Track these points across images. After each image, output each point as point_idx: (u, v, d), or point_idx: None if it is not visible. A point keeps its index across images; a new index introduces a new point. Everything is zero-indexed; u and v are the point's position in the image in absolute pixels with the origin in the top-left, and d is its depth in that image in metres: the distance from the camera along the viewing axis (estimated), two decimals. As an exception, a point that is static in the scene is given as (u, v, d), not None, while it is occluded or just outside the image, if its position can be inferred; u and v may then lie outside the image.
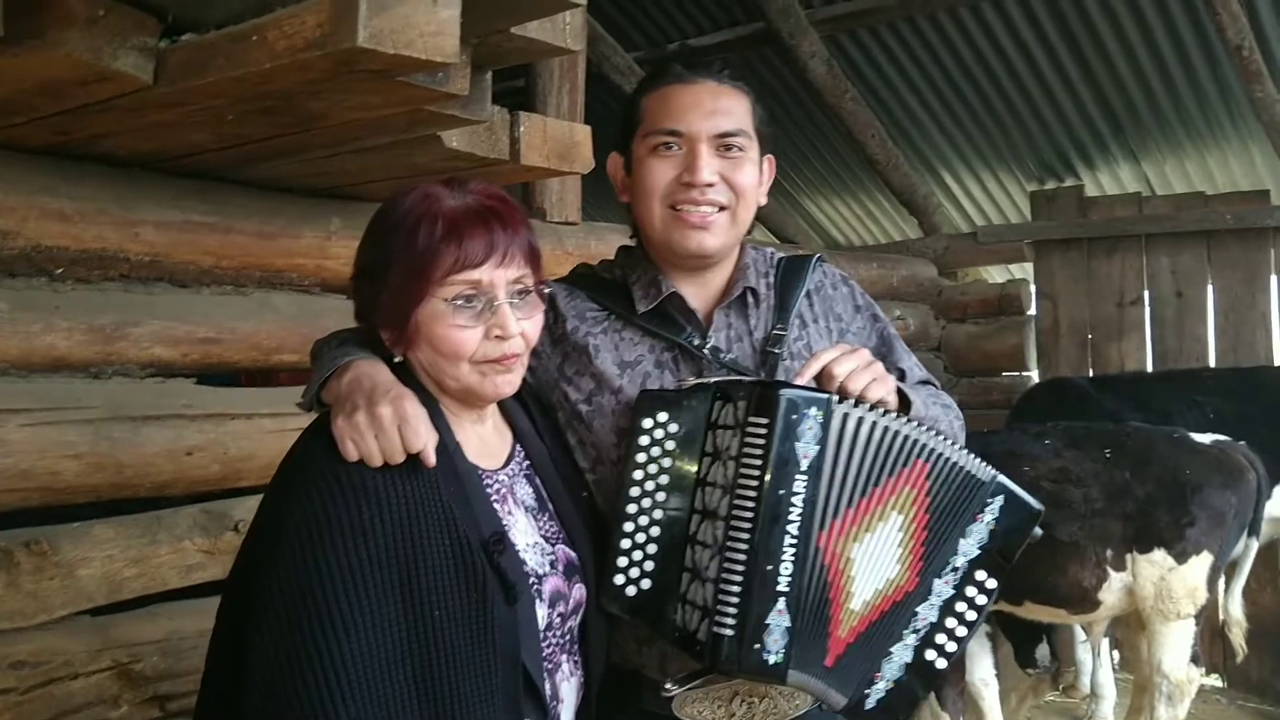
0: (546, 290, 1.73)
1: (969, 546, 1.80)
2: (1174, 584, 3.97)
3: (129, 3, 1.98)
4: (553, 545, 1.72)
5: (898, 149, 6.49)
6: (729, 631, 1.66)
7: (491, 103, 2.52)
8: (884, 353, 2.08)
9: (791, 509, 1.67)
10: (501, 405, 1.81)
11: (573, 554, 1.74)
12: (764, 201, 2.03)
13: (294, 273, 3.23)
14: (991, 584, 1.81)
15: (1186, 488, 3.98)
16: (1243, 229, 5.91)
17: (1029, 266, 6.71)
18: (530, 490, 1.76)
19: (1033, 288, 6.62)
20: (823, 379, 1.80)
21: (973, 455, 1.84)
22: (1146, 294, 6.23)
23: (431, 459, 1.55)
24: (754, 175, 1.95)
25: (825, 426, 1.69)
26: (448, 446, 1.62)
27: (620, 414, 1.88)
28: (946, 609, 1.80)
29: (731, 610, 1.66)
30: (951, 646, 1.80)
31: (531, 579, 1.63)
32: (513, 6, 2.06)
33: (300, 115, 2.27)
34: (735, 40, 6.29)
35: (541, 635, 1.63)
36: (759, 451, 1.67)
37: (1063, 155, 6.45)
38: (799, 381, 1.79)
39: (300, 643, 1.43)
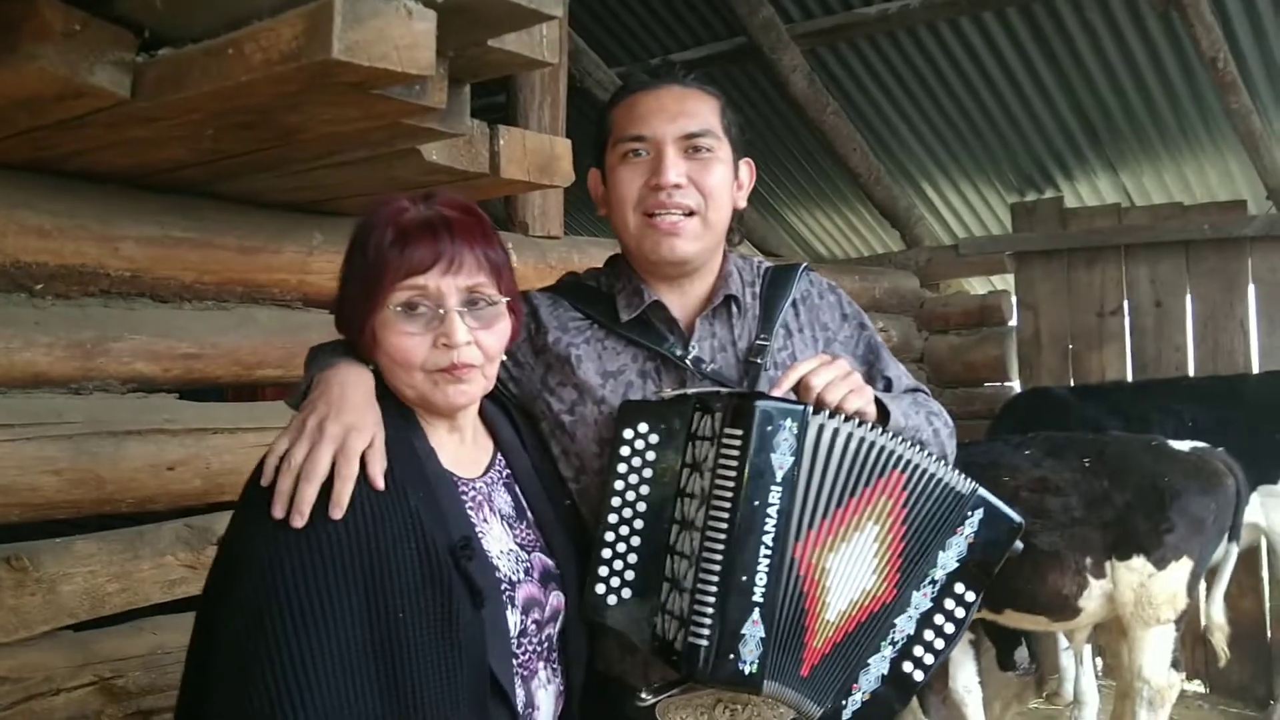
0: (520, 302, 1.75)
1: (947, 559, 1.80)
2: (1154, 590, 4.00)
3: (105, 17, 1.99)
4: (528, 553, 1.72)
5: (879, 162, 6.54)
6: (704, 642, 1.67)
7: (472, 117, 2.53)
8: (871, 360, 2.09)
9: (766, 520, 1.68)
10: (484, 415, 1.82)
11: (550, 562, 1.75)
12: (742, 205, 2.03)
13: (276, 288, 3.23)
14: (970, 597, 1.81)
15: (1165, 494, 4.02)
16: (1220, 239, 5.98)
17: (1010, 278, 6.76)
18: (509, 499, 1.77)
19: (1014, 299, 6.68)
20: (800, 390, 1.81)
21: (953, 468, 1.84)
22: (1126, 304, 6.30)
23: (377, 483, 1.54)
24: (724, 176, 1.94)
25: (800, 438, 1.70)
26: (418, 452, 1.63)
27: (603, 424, 1.88)
28: (924, 621, 1.80)
29: (706, 620, 1.67)
30: (929, 659, 1.80)
31: (504, 585, 1.63)
32: (488, 19, 2.07)
33: (278, 129, 2.28)
34: (717, 55, 6.33)
35: (515, 641, 1.63)
36: (734, 463, 1.68)
37: (1042, 167, 6.50)
38: (776, 392, 1.80)
39: (260, 649, 1.43)
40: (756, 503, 1.68)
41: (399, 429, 1.63)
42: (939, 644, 1.81)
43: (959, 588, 1.81)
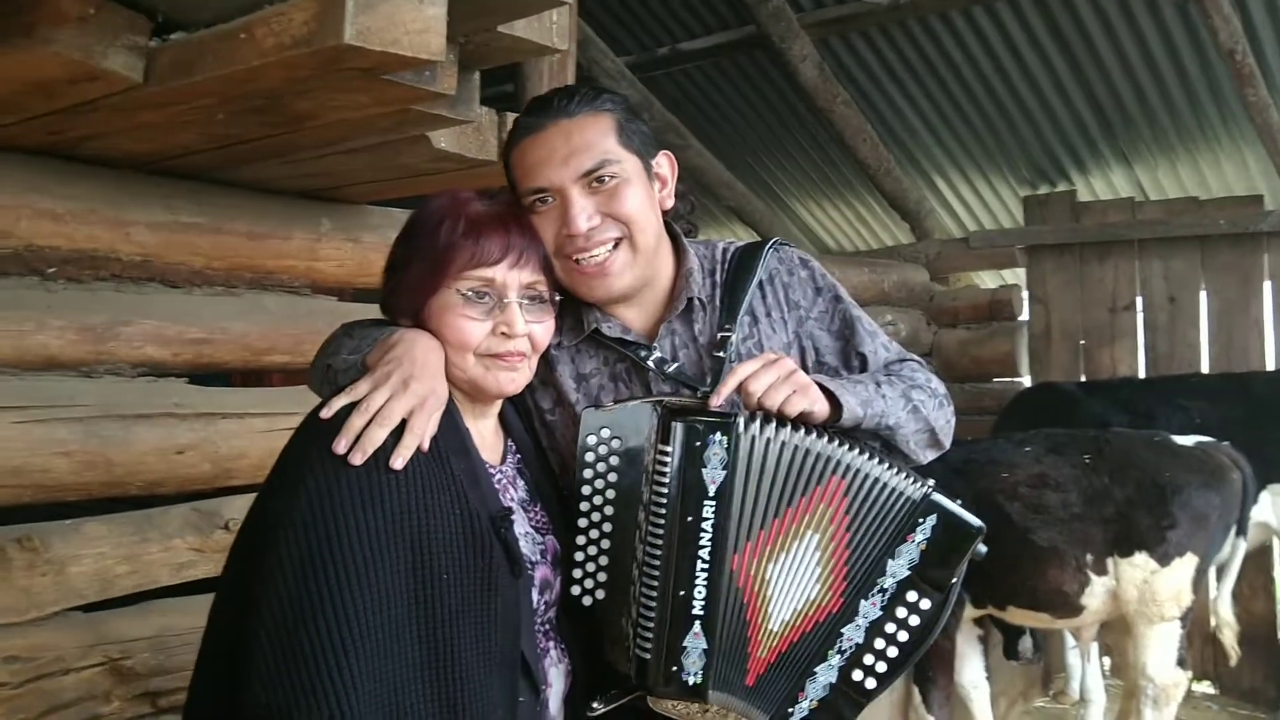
0: (559, 299, 1.79)
1: (898, 567, 1.77)
2: (1158, 587, 3.99)
3: (119, 1, 2.00)
4: (543, 536, 1.78)
5: (889, 153, 6.52)
6: (648, 655, 1.70)
7: (480, 105, 2.54)
8: (847, 336, 2.03)
9: (701, 535, 1.69)
10: None
11: (558, 545, 1.80)
12: (670, 203, 1.96)
13: (284, 274, 3.25)
14: (926, 604, 1.77)
15: (1166, 490, 4.00)
16: (1236, 234, 5.95)
17: (1021, 272, 6.74)
18: (523, 484, 1.82)
19: (1025, 293, 6.64)
20: (741, 395, 1.77)
21: (902, 472, 1.79)
22: (1139, 299, 6.26)
23: (424, 445, 1.58)
24: (638, 196, 1.85)
25: (732, 450, 1.70)
26: (460, 429, 1.68)
27: (577, 426, 1.86)
28: (874, 630, 1.77)
29: (649, 633, 1.70)
30: (882, 667, 1.78)
31: (527, 564, 1.69)
32: (499, 5, 2.09)
33: (289, 115, 2.29)
34: (726, 44, 6.32)
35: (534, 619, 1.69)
36: (665, 478, 1.69)
37: (1055, 160, 6.48)
38: (716, 400, 1.77)
39: (314, 592, 1.45)
40: (690, 518, 1.69)
41: (446, 407, 1.68)
42: (893, 652, 1.78)
43: (912, 595, 1.77)
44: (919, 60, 6.06)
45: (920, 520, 1.77)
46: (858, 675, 1.78)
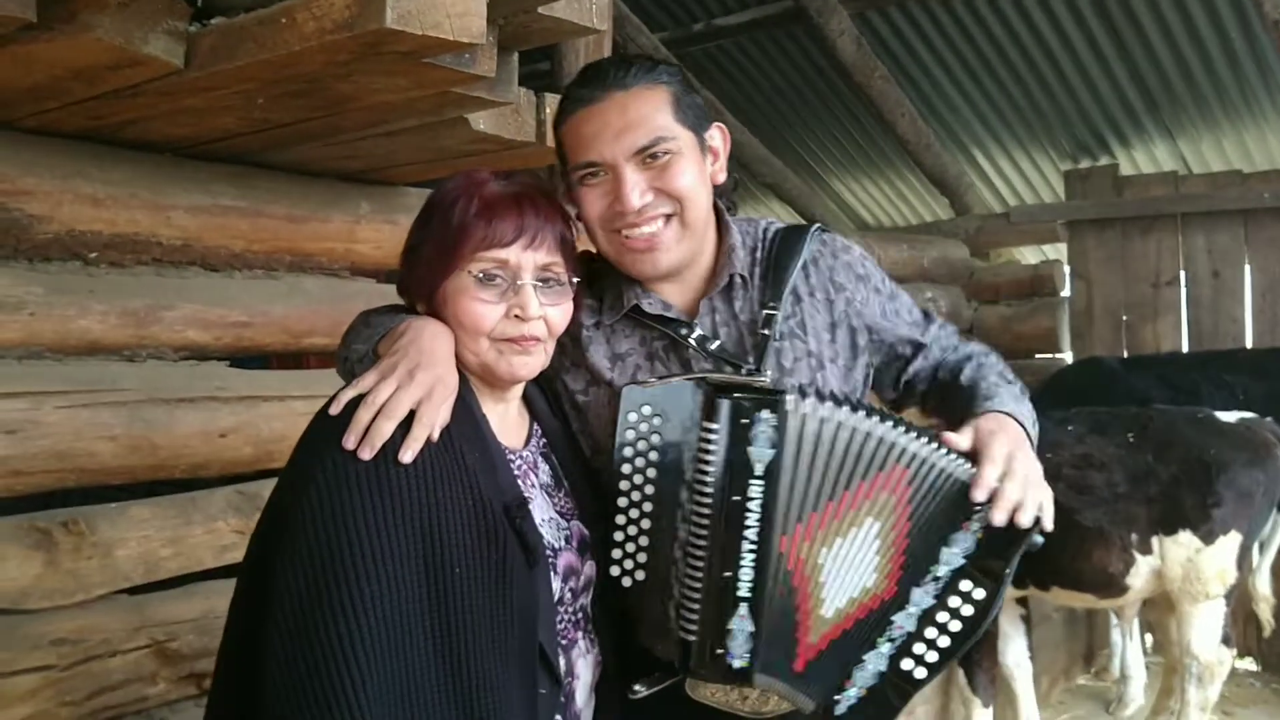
0: (577, 282, 1.75)
1: (952, 555, 1.73)
2: (1202, 565, 3.95)
3: (159, -13, 2.00)
4: (568, 521, 1.75)
5: (929, 128, 6.43)
6: (693, 637, 1.67)
7: (518, 85, 2.52)
8: (894, 319, 2.03)
9: (748, 515, 1.66)
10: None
11: (586, 531, 1.77)
12: (722, 178, 1.93)
13: (323, 256, 3.25)
14: (979, 594, 1.73)
15: (1211, 468, 3.96)
16: (1281, 207, 5.84)
17: (1063, 247, 6.65)
18: (547, 468, 1.79)
19: (1066, 268, 6.57)
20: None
21: (961, 459, 1.74)
22: (1183, 274, 6.18)
23: (434, 435, 1.55)
24: (691, 172, 1.83)
25: (781, 429, 1.66)
26: (474, 415, 1.65)
27: (615, 405, 1.84)
28: (926, 619, 1.73)
29: (694, 615, 1.67)
30: (933, 656, 1.74)
31: (548, 551, 1.65)
32: (539, -13, 2.06)
33: (329, 98, 2.28)
34: (763, 19, 6.23)
35: (555, 609, 1.65)
36: (711, 457, 1.66)
37: (1097, 134, 6.37)
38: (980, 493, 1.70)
39: (324, 589, 1.43)
40: (736, 498, 1.66)
41: (459, 393, 1.65)
42: (944, 642, 1.74)
43: (965, 584, 1.73)
44: (958, 33, 5.97)
45: (978, 508, 1.72)
46: (907, 664, 1.74)
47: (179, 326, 2.88)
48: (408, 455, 1.50)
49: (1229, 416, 4.24)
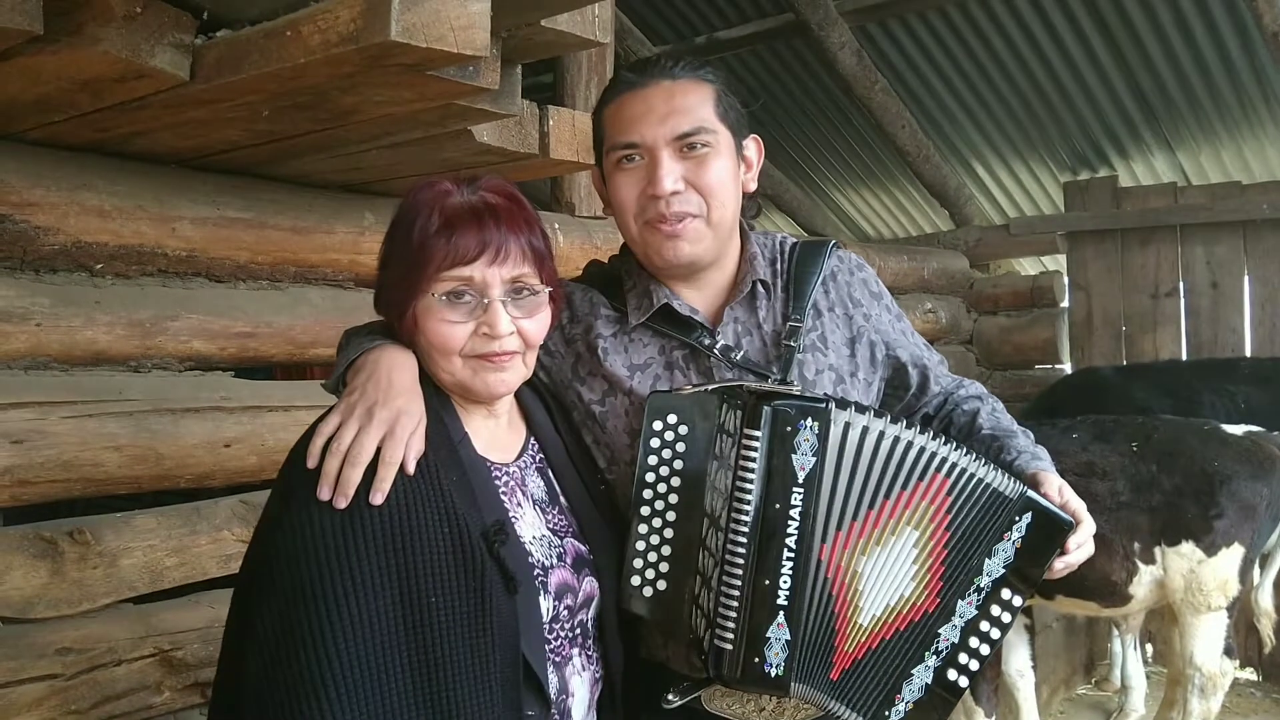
0: (561, 290, 1.74)
1: (994, 566, 1.75)
2: (1204, 576, 3.95)
3: (166, 0, 2.01)
4: (561, 538, 1.72)
5: (928, 140, 6.47)
6: (728, 645, 1.66)
7: (521, 97, 2.54)
8: (906, 340, 2.08)
9: (789, 523, 1.66)
10: (519, 399, 1.82)
11: (582, 548, 1.74)
12: (753, 187, 1.96)
13: (328, 268, 3.27)
14: (1017, 601, 1.77)
15: (1215, 479, 3.96)
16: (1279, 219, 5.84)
17: (1062, 258, 6.68)
18: (542, 483, 1.77)
19: (1066, 279, 6.59)
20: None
21: (998, 470, 1.78)
22: (1182, 285, 6.19)
23: (409, 467, 1.55)
24: (724, 170, 1.86)
25: (823, 437, 1.67)
26: (453, 437, 1.63)
27: (633, 415, 1.86)
28: (970, 629, 1.76)
29: (730, 623, 1.66)
30: (975, 665, 1.77)
31: (536, 570, 1.63)
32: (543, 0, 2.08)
33: (333, 110, 2.30)
34: (763, 32, 6.27)
35: (547, 627, 1.63)
36: (752, 464, 1.66)
37: (1096, 145, 6.40)
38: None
39: (294, 628, 1.43)
40: (778, 505, 1.66)
41: (434, 412, 1.64)
42: (984, 649, 1.76)
43: (1005, 593, 1.76)
44: (958, 46, 6.00)
45: (1016, 518, 1.75)
46: (952, 675, 1.76)
47: (184, 337, 2.89)
48: (378, 498, 1.50)
49: (1234, 429, 4.24)
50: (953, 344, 6.50)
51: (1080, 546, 1.81)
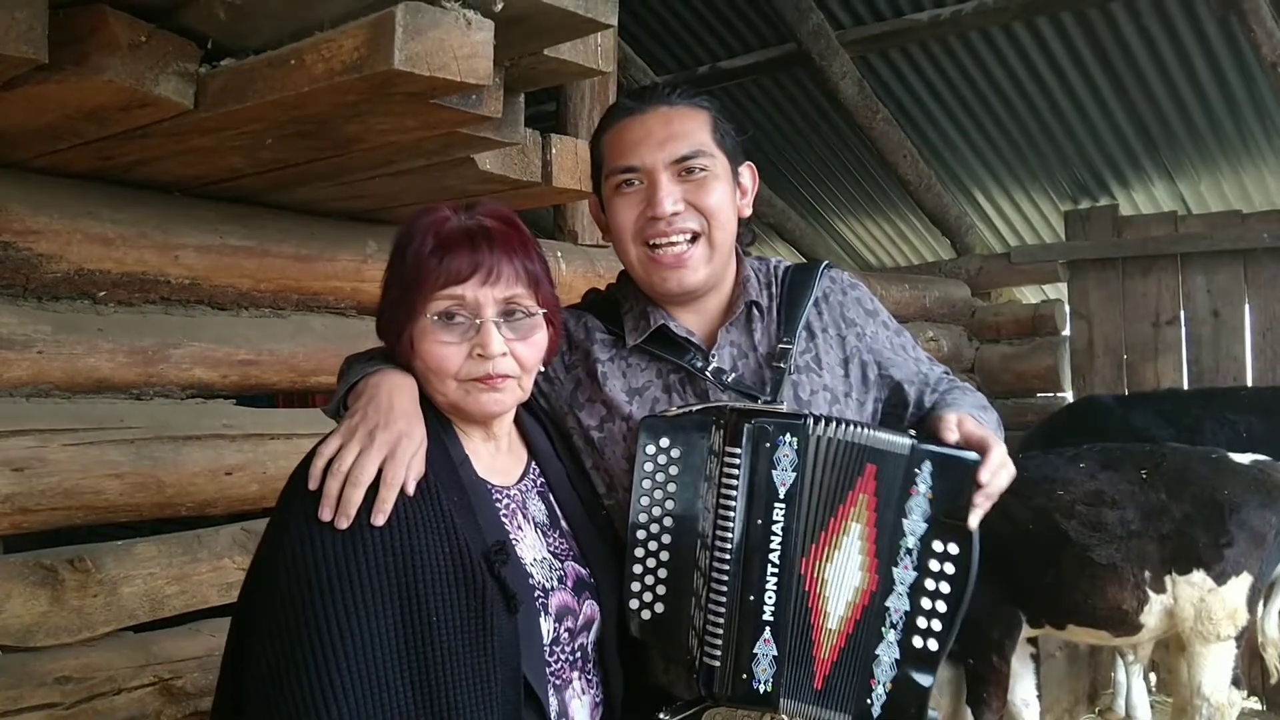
0: (559, 314, 1.76)
1: (914, 524, 1.75)
2: (1213, 606, 3.93)
3: (170, 29, 2.02)
4: (561, 561, 1.72)
5: (930, 169, 6.49)
6: (717, 663, 1.68)
7: (524, 125, 2.55)
8: (903, 355, 2.07)
9: (773, 539, 1.68)
10: (519, 424, 1.83)
11: (583, 571, 1.75)
12: (748, 212, 2.00)
13: (330, 295, 3.27)
14: (954, 548, 1.75)
15: (1224, 508, 3.94)
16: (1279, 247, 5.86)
17: (1063, 287, 6.69)
18: (543, 507, 1.77)
19: (1067, 308, 6.60)
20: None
21: (889, 431, 1.77)
22: (1183, 313, 6.21)
23: (409, 488, 1.55)
24: (723, 193, 1.89)
25: (802, 453, 1.69)
26: (453, 459, 1.65)
27: (631, 440, 1.86)
28: (916, 591, 1.75)
29: (718, 640, 1.68)
30: (937, 625, 1.75)
31: (537, 592, 1.63)
32: (545, 28, 2.09)
33: (337, 139, 2.31)
34: (766, 62, 6.32)
35: (547, 649, 1.63)
36: (734, 481, 1.68)
37: (1097, 174, 6.42)
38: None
39: (295, 649, 1.44)
40: (760, 521, 1.68)
41: (434, 435, 1.65)
42: (941, 606, 1.75)
43: (938, 545, 1.75)
44: (959, 76, 6.03)
45: (917, 470, 1.74)
46: (918, 642, 1.75)
47: (186, 365, 2.89)
48: (379, 519, 1.51)
49: (1242, 458, 4.22)
50: (955, 373, 6.48)
51: (996, 472, 1.77)
